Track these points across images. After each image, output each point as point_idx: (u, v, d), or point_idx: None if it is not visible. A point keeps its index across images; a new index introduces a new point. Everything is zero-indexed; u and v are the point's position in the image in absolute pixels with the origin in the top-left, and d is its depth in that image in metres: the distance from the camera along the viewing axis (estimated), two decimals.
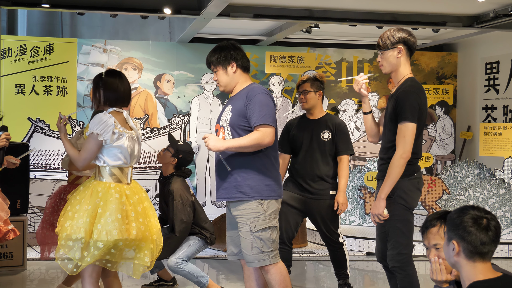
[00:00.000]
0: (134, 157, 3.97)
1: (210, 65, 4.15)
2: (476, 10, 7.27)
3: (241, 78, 4.11)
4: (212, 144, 3.88)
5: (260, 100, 3.93)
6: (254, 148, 3.91)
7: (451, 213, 2.77)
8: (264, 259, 3.96)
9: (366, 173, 8.12)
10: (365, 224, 8.22)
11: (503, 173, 7.90)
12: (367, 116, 4.30)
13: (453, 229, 2.73)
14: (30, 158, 7.78)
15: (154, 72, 8.50)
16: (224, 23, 7.84)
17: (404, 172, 3.96)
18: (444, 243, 2.81)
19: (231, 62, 4.06)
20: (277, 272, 3.99)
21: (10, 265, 6.35)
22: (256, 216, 3.95)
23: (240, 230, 4.00)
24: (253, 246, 3.94)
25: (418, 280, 4.06)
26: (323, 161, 5.35)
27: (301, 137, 5.43)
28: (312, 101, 5.39)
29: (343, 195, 5.30)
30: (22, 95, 8.01)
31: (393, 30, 4.10)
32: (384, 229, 4.11)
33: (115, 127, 3.80)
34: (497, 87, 8.80)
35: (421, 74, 9.34)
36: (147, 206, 3.91)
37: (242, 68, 4.10)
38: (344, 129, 5.39)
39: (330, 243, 5.42)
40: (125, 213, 3.73)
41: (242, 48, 4.17)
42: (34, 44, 8.05)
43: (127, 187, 3.85)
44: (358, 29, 7.94)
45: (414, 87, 4.00)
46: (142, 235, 3.77)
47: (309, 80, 5.41)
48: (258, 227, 3.94)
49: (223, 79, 4.10)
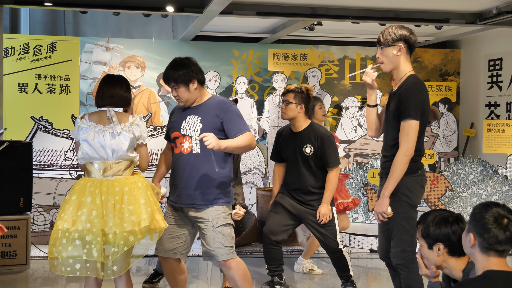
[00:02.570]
0: (114, 152, 4.00)
1: (171, 82, 4.30)
2: (479, 7, 7.25)
3: (201, 91, 4.35)
4: (215, 142, 4.00)
5: (236, 111, 4.27)
6: (246, 149, 4.25)
7: (476, 206, 2.87)
8: (227, 253, 4.24)
9: (369, 171, 8.11)
10: (369, 222, 8.21)
11: (507, 170, 7.89)
12: (372, 109, 4.27)
13: (473, 222, 2.82)
14: (34, 157, 7.79)
15: (157, 70, 8.50)
16: (227, 21, 7.83)
17: (408, 169, 3.95)
18: (463, 233, 2.94)
19: (192, 80, 4.27)
20: (239, 267, 4.26)
21: (14, 263, 6.36)
22: (218, 214, 4.26)
23: (203, 229, 4.27)
24: (215, 240, 4.22)
25: (421, 277, 4.05)
26: (309, 174, 5.34)
27: (286, 150, 5.45)
28: (291, 113, 5.33)
29: (326, 206, 5.28)
30: (25, 94, 8.02)
31: (394, 27, 4.09)
32: (387, 226, 4.11)
33: (82, 122, 4.02)
34: (500, 84, 8.78)
35: (424, 71, 9.33)
36: (129, 199, 3.89)
37: (200, 83, 4.34)
38: (327, 141, 5.28)
39: (329, 250, 5.41)
40: (80, 205, 3.87)
41: (197, 62, 4.40)
42: (37, 43, 8.05)
43: (98, 181, 3.94)
44: (361, 27, 7.93)
45: (417, 85, 3.99)
46: (83, 227, 3.81)
47: (293, 91, 5.35)
48: (220, 222, 4.24)
49: (185, 96, 4.30)
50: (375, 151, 8.86)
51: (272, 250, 5.45)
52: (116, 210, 3.86)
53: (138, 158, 4.11)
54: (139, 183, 4.00)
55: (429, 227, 3.15)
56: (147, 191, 3.99)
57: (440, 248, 3.13)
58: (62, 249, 3.84)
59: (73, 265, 3.87)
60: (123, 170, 4.03)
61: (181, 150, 4.31)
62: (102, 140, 3.97)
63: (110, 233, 3.82)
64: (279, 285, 5.51)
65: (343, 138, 9.03)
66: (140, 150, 4.13)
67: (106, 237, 3.83)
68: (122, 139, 3.99)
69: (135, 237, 3.83)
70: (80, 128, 4.03)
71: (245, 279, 4.29)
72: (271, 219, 5.44)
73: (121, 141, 3.99)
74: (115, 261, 3.87)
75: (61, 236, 3.85)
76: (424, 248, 3.22)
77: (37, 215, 7.56)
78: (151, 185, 4.11)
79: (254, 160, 8.77)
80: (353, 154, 9.01)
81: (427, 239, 3.18)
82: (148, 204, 3.92)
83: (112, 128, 3.99)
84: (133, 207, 3.88)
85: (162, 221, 4.00)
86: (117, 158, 4.00)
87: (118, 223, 3.83)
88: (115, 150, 3.99)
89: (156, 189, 4.13)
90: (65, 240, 3.84)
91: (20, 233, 6.37)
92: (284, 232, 5.42)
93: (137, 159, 4.11)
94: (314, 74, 8.97)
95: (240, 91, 8.74)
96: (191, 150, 4.27)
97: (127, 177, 4.00)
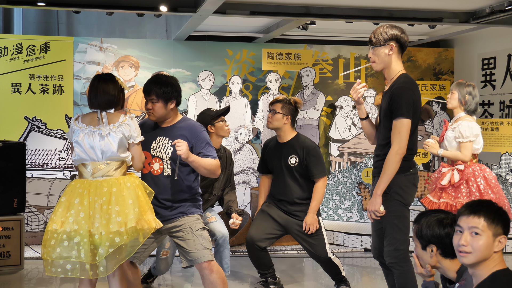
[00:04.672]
0: (103, 153, 3.98)
1: (152, 95, 4.33)
2: (472, 6, 7.27)
3: (174, 112, 4.40)
4: (186, 151, 4.08)
5: (206, 138, 4.34)
6: (210, 173, 4.30)
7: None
8: (209, 255, 4.27)
9: (363, 170, 8.12)
10: (363, 221, 8.22)
11: (500, 169, 7.91)
12: (364, 121, 4.30)
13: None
14: (27, 157, 7.77)
15: (151, 70, 8.49)
16: (220, 21, 7.83)
17: (400, 168, 3.96)
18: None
19: (172, 100, 4.33)
20: (219, 270, 4.30)
21: (8, 264, 6.35)
22: (194, 220, 4.34)
23: (181, 236, 4.30)
24: (196, 243, 4.26)
25: (415, 276, 4.06)
26: (295, 185, 5.34)
27: (272, 161, 5.46)
28: (276, 123, 5.34)
29: (312, 216, 5.28)
30: (19, 94, 7.99)
31: (386, 26, 4.09)
32: (380, 225, 4.12)
33: (75, 124, 4.04)
34: (494, 83, 8.80)
35: (418, 70, 9.34)
36: (117, 200, 3.87)
37: (177, 105, 4.40)
38: (312, 151, 5.29)
39: (318, 260, 5.40)
40: (69, 206, 3.88)
41: (179, 82, 4.47)
42: (30, 43, 8.03)
43: (87, 182, 3.94)
44: (354, 26, 7.94)
45: (408, 83, 4.00)
46: (70, 228, 3.81)
47: (281, 101, 5.36)
48: (198, 226, 4.31)
49: (160, 112, 4.34)
50: (369, 150, 8.87)
51: (258, 256, 5.40)
52: (103, 211, 3.85)
53: (131, 158, 4.09)
54: (128, 183, 3.97)
55: (423, 229, 3.16)
56: (136, 191, 3.96)
57: (433, 250, 3.14)
58: (51, 250, 3.85)
59: (64, 266, 3.87)
60: (113, 170, 4.00)
61: (150, 170, 4.34)
62: (92, 141, 3.98)
63: (96, 234, 3.82)
64: (274, 284, 5.51)
65: (337, 137, 9.04)
66: (132, 150, 4.10)
67: (92, 238, 3.82)
68: (110, 139, 3.97)
69: (121, 238, 3.81)
70: (73, 130, 4.05)
71: (225, 283, 4.30)
72: (254, 226, 5.40)
73: (110, 141, 3.97)
74: (101, 262, 3.85)
75: (50, 237, 3.86)
76: (418, 248, 3.23)
77: (31, 216, 7.55)
78: (143, 185, 4.08)
79: (248, 159, 8.77)
80: (347, 154, 9.02)
81: (421, 240, 3.19)
82: (136, 204, 3.90)
83: (101, 129, 4.00)
84: (120, 208, 3.86)
85: (153, 221, 3.98)
86: (106, 158, 3.99)
87: (104, 224, 3.82)
88: (104, 151, 3.98)
89: (149, 188, 4.10)
90: (54, 241, 3.84)
91: (14, 233, 6.36)
92: (267, 240, 5.36)
93: (129, 159, 4.07)
94: (308, 73, 8.98)
95: (234, 91, 8.74)
96: (162, 171, 4.31)
97: (116, 178, 3.98)
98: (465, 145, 5.34)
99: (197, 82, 8.66)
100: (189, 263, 4.34)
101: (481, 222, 2.76)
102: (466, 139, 5.33)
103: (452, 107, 5.51)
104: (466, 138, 5.33)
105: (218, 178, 5.57)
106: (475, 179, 5.33)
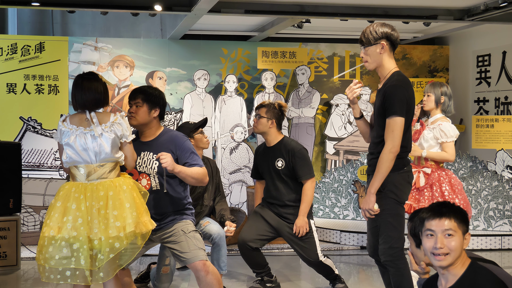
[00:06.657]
0: (97, 155, 3.90)
1: (138, 98, 4.32)
2: (466, 3, 7.28)
3: (156, 124, 4.39)
4: (171, 163, 4.07)
5: (190, 147, 4.33)
6: (198, 182, 4.30)
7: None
8: (204, 254, 4.26)
9: (359, 168, 8.13)
10: (359, 218, 8.23)
11: (496, 165, 7.93)
12: (359, 120, 4.31)
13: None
14: (23, 157, 7.77)
15: (146, 69, 8.49)
16: (215, 19, 7.83)
17: (394, 166, 3.97)
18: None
19: (157, 108, 4.34)
20: (215, 272, 4.28)
21: (4, 264, 6.34)
22: (186, 224, 4.35)
23: (174, 240, 4.30)
24: (190, 244, 4.26)
25: (410, 274, 4.07)
26: (284, 187, 5.36)
27: (261, 166, 5.50)
28: (261, 128, 5.37)
29: (302, 218, 5.28)
30: (14, 94, 7.98)
31: (376, 25, 4.08)
32: (375, 223, 4.12)
33: (63, 125, 3.93)
34: (489, 80, 8.82)
35: (413, 67, 9.36)
36: (114, 204, 3.83)
37: (160, 117, 4.40)
38: (298, 154, 5.30)
39: (309, 263, 5.41)
40: (65, 211, 3.81)
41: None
42: (25, 43, 8.02)
43: (83, 186, 3.86)
44: (349, 24, 7.94)
45: (401, 81, 4.00)
46: (69, 235, 3.75)
47: (266, 106, 5.39)
48: (190, 229, 4.34)
49: (142, 117, 4.33)
50: (365, 148, 8.88)
51: (251, 256, 5.40)
52: (101, 215, 3.79)
53: (123, 158, 4.04)
54: (124, 186, 3.90)
55: (417, 226, 3.17)
56: (132, 193, 3.90)
57: None
58: (49, 257, 3.78)
59: (63, 272, 3.80)
60: (108, 172, 3.92)
61: None
62: (84, 143, 3.88)
63: (95, 239, 3.76)
64: (270, 283, 5.51)
65: (333, 135, 9.05)
66: (125, 149, 4.02)
67: (92, 244, 3.77)
68: (103, 140, 3.88)
69: (121, 243, 3.77)
70: (62, 132, 3.93)
71: (220, 284, 4.29)
72: (246, 227, 5.41)
73: (103, 142, 3.88)
74: (101, 267, 3.80)
75: (47, 244, 3.79)
76: (412, 246, 3.25)
77: (27, 216, 7.54)
78: (137, 186, 4.02)
79: (244, 158, 8.78)
80: (343, 151, 9.03)
81: (415, 238, 3.20)
82: (133, 208, 3.85)
83: (92, 130, 3.89)
84: (118, 212, 3.80)
85: (149, 223, 3.95)
86: (100, 160, 3.90)
87: (103, 230, 3.76)
88: (98, 152, 3.88)
89: (143, 189, 4.05)
90: (52, 248, 3.77)
91: (10, 234, 6.35)
92: (259, 241, 5.36)
93: (122, 159, 4.01)
94: (303, 71, 8.99)
95: (229, 90, 8.75)
96: (150, 187, 4.30)
97: (112, 180, 3.90)
98: (449, 144, 5.43)
99: (193, 81, 8.66)
100: (183, 264, 4.33)
101: (452, 223, 2.86)
102: (450, 139, 5.40)
103: (429, 109, 5.60)
104: (450, 137, 5.40)
105: (207, 189, 5.58)
106: (440, 184, 5.38)
